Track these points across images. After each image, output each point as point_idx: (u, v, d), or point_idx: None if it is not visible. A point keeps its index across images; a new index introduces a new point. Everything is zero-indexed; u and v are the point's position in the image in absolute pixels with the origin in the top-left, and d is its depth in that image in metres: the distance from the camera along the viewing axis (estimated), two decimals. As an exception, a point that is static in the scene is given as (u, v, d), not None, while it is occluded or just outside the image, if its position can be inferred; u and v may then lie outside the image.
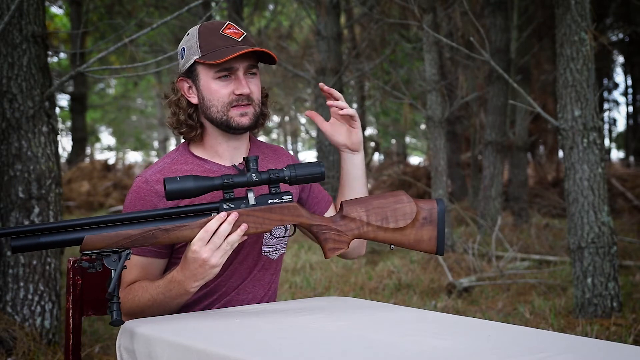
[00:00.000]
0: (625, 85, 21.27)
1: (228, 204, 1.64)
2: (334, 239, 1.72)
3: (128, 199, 1.81)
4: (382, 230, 1.73)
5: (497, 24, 8.36)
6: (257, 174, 1.65)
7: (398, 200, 1.75)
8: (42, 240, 1.53)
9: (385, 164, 17.74)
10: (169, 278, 1.69)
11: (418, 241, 1.75)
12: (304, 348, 1.41)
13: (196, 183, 1.60)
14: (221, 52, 1.76)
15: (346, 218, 1.73)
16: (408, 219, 1.73)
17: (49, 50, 3.75)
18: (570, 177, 4.27)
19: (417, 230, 1.74)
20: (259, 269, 1.91)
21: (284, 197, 1.68)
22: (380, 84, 9.15)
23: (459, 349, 1.39)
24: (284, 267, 6.36)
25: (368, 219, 1.73)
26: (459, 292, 5.18)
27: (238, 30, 1.81)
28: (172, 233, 1.60)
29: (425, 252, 1.79)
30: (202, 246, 1.60)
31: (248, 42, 1.80)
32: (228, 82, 1.80)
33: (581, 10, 4.18)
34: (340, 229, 1.72)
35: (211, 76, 1.79)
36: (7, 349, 3.38)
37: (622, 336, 3.82)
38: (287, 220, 1.68)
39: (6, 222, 3.58)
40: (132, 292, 1.76)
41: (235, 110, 1.80)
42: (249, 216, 1.64)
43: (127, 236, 1.57)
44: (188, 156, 1.88)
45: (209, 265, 1.62)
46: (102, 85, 22.24)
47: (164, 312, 1.75)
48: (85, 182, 13.23)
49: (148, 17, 9.85)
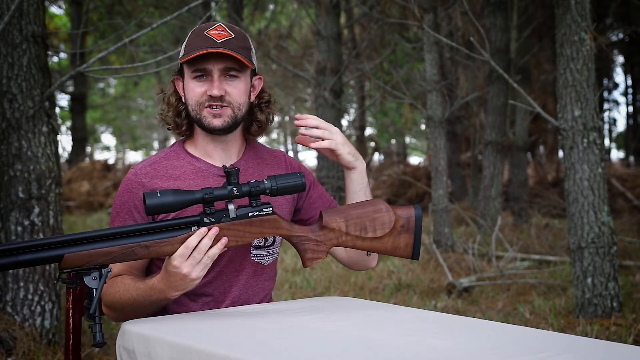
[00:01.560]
0: (625, 85, 21.27)
1: (209, 217, 1.65)
2: (312, 249, 1.75)
3: (119, 190, 1.86)
4: (361, 239, 1.76)
5: (497, 24, 8.36)
6: (237, 187, 1.67)
7: (377, 209, 1.78)
8: (21, 259, 1.52)
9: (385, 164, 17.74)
10: (149, 284, 1.71)
11: (395, 248, 1.79)
12: (304, 348, 1.41)
13: (176, 197, 1.62)
14: (192, 52, 1.78)
15: (325, 228, 1.75)
16: (386, 229, 1.77)
17: (49, 50, 3.74)
18: (570, 177, 4.27)
19: (394, 238, 1.78)
20: (251, 274, 1.91)
21: (265, 209, 1.70)
22: (380, 84, 9.15)
23: (459, 349, 1.39)
24: (284, 267, 6.35)
25: (347, 229, 1.75)
26: (459, 292, 5.18)
27: (224, 32, 1.81)
28: (153, 249, 1.61)
29: (400, 257, 1.83)
30: (182, 262, 1.62)
31: (230, 44, 1.79)
32: (203, 83, 1.81)
33: (581, 10, 4.18)
34: (319, 239, 1.75)
35: (190, 75, 1.82)
36: (7, 349, 3.38)
37: (622, 336, 3.82)
38: (267, 233, 1.70)
39: (6, 222, 3.58)
40: (115, 286, 1.77)
41: (208, 110, 1.81)
42: (230, 230, 1.66)
43: (107, 253, 1.58)
44: (181, 153, 1.90)
45: (189, 279, 1.64)
46: (102, 85, 22.24)
47: (144, 312, 1.77)
48: (85, 182, 13.23)
49: (148, 17, 9.85)
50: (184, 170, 1.87)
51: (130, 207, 1.83)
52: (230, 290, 1.89)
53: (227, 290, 1.88)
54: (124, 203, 1.84)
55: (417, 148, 23.98)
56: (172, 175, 1.86)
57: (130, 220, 1.83)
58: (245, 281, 1.90)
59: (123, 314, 1.77)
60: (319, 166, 8.62)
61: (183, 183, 1.85)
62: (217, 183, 1.86)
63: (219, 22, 1.84)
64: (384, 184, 13.31)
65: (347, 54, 9.76)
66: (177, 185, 1.84)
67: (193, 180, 1.86)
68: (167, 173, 1.86)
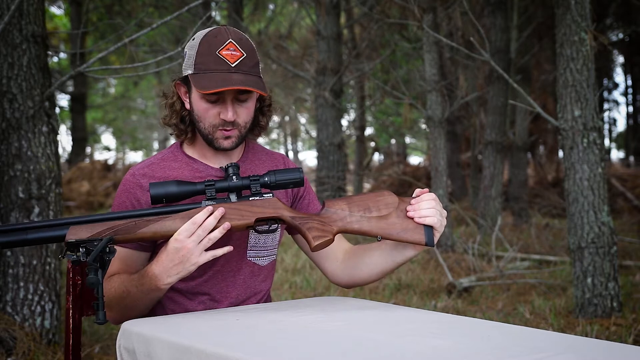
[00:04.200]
0: (625, 85, 21.29)
1: (211, 201, 1.69)
2: (317, 227, 1.73)
3: (117, 191, 1.88)
4: (366, 219, 1.75)
5: (497, 24, 8.36)
6: (237, 177, 1.70)
7: (379, 194, 1.79)
8: (29, 237, 1.59)
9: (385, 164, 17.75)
10: (143, 272, 1.72)
11: (405, 230, 1.75)
12: (304, 348, 1.41)
13: (179, 188, 1.67)
14: (209, 79, 1.74)
15: (328, 212, 1.76)
16: (391, 208, 1.76)
17: (49, 50, 3.75)
18: (570, 177, 4.27)
19: (402, 220, 1.75)
20: (249, 275, 1.91)
21: (265, 194, 1.73)
22: (380, 84, 9.16)
23: (459, 349, 1.39)
24: (284, 267, 6.35)
25: (350, 209, 1.75)
26: (459, 292, 5.18)
27: (237, 52, 1.76)
28: (155, 224, 1.64)
29: (414, 244, 1.75)
30: (187, 237, 1.64)
31: (244, 65, 1.76)
32: (215, 105, 1.79)
33: (581, 10, 4.18)
34: (324, 220, 1.75)
35: (200, 95, 1.79)
36: (7, 349, 3.38)
37: (622, 336, 3.83)
38: (268, 212, 1.71)
39: (6, 222, 3.57)
40: (111, 283, 1.78)
41: (221, 132, 1.82)
42: (231, 209, 1.68)
43: (110, 226, 1.62)
44: (179, 154, 1.91)
45: (189, 259, 1.64)
46: (102, 85, 22.23)
47: (137, 308, 1.76)
48: (85, 182, 13.23)
49: (148, 17, 9.86)
50: (181, 172, 1.88)
51: (128, 207, 1.84)
52: (229, 291, 1.89)
53: (226, 291, 1.89)
54: (122, 203, 1.85)
55: (417, 148, 23.97)
56: (170, 176, 1.87)
57: None
58: (243, 281, 1.90)
59: (119, 312, 1.77)
60: (319, 166, 8.63)
61: None
62: None
63: (229, 38, 1.77)
64: (384, 184, 13.32)
65: (347, 54, 9.76)
66: None
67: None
68: (165, 174, 1.87)
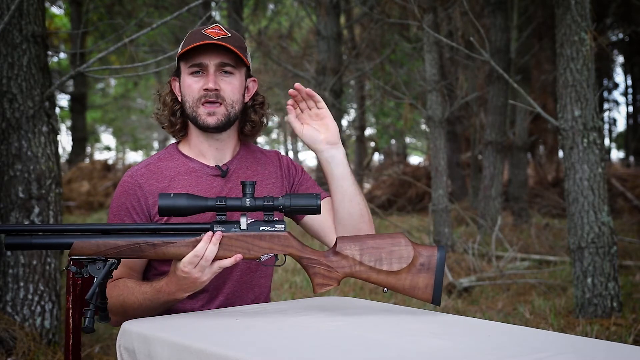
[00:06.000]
0: (625, 85, 21.27)
1: (219, 226, 1.64)
2: (323, 274, 1.69)
3: (115, 192, 1.88)
4: (375, 271, 1.68)
5: (497, 24, 8.36)
6: (251, 199, 1.64)
7: (395, 242, 1.69)
8: (34, 242, 1.60)
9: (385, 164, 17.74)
10: (157, 288, 1.72)
11: (413, 288, 1.67)
12: (304, 348, 1.41)
13: (189, 202, 1.62)
14: (190, 44, 1.82)
15: (338, 255, 1.68)
16: (404, 263, 1.67)
17: (49, 50, 3.74)
18: (570, 177, 4.27)
19: (412, 276, 1.67)
20: (245, 270, 1.91)
21: (277, 225, 1.66)
22: (380, 84, 9.16)
23: (459, 349, 1.39)
24: (284, 267, 6.35)
25: (361, 258, 1.68)
26: (459, 292, 5.18)
27: (221, 31, 1.84)
28: (159, 249, 1.62)
29: (419, 300, 1.72)
30: (192, 268, 1.63)
31: (226, 41, 1.82)
32: (200, 78, 1.84)
33: (581, 10, 4.18)
34: (331, 264, 1.68)
35: (187, 72, 1.85)
36: (7, 349, 3.38)
37: (622, 336, 3.82)
38: (276, 250, 1.66)
39: (6, 222, 3.57)
40: (117, 289, 1.78)
41: (204, 108, 1.83)
42: (239, 240, 1.64)
43: (115, 246, 1.60)
44: (175, 153, 1.93)
45: (199, 282, 1.66)
46: (102, 85, 22.22)
47: (149, 315, 1.78)
48: (85, 182, 13.23)
49: (148, 17, 9.85)
50: (178, 171, 1.89)
51: (127, 208, 1.84)
52: (224, 286, 1.90)
53: (221, 286, 1.89)
54: (121, 205, 1.85)
55: (417, 148, 23.97)
56: (167, 176, 1.87)
57: (129, 221, 1.85)
58: (238, 277, 1.91)
59: (125, 318, 1.77)
60: (319, 166, 8.63)
61: (177, 183, 1.87)
62: (210, 182, 1.88)
63: (216, 23, 1.87)
64: (384, 184, 13.31)
65: (347, 54, 9.76)
66: (172, 185, 1.86)
67: (187, 180, 1.88)
68: (162, 174, 1.88)
